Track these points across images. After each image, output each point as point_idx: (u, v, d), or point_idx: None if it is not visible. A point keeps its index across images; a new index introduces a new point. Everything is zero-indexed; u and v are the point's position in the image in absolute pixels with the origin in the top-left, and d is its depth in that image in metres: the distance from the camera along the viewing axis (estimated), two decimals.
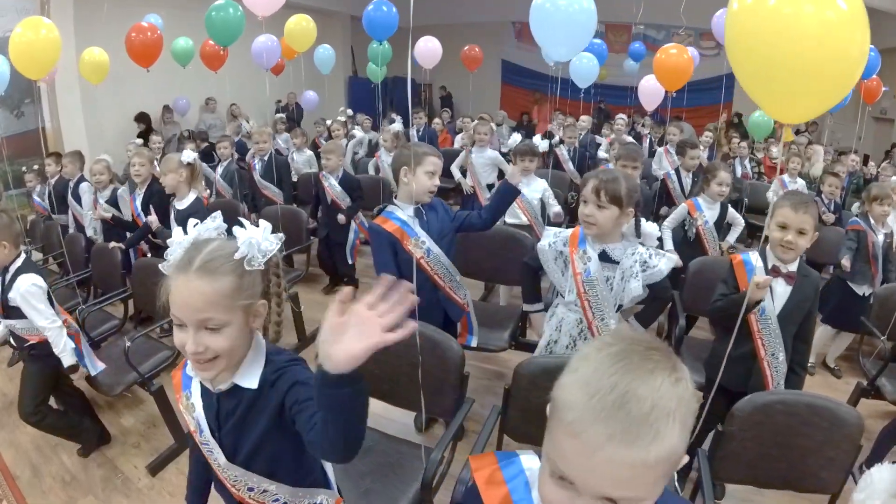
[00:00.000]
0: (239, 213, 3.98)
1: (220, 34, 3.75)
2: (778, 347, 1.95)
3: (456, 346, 1.82)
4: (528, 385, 1.72)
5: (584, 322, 1.96)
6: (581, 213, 1.89)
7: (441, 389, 1.81)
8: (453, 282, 2.28)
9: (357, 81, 10.97)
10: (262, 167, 4.41)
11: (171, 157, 3.05)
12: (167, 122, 7.45)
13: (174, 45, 5.25)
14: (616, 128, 6.48)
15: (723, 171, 3.31)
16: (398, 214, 2.18)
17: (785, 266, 1.93)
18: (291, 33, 4.13)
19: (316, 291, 4.30)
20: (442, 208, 2.28)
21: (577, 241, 1.95)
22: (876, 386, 2.54)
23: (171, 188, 3.01)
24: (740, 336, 1.90)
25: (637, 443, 0.59)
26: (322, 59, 5.36)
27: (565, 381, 0.67)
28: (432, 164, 2.16)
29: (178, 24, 5.85)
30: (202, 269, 1.00)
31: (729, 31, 1.40)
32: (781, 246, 1.88)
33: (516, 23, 11.49)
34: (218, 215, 1.11)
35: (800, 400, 1.63)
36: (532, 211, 3.53)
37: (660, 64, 3.90)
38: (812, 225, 1.86)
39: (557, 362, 1.72)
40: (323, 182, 4.07)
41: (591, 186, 1.84)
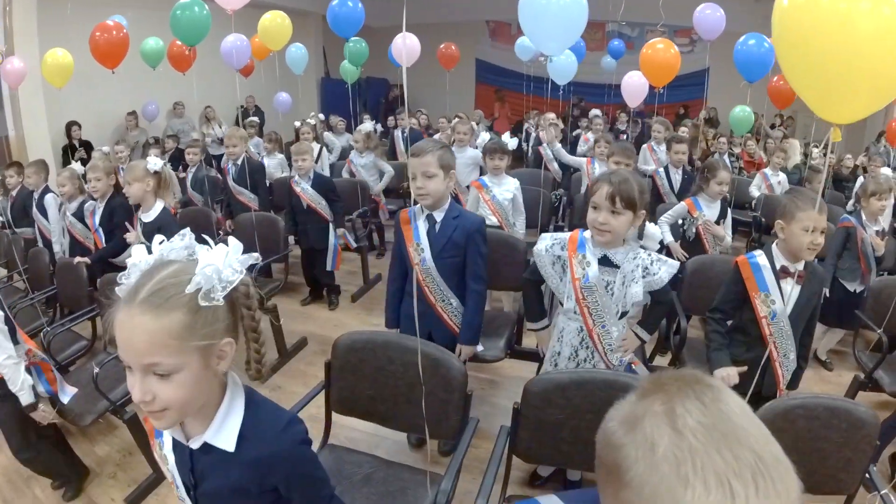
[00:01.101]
0: (211, 223, 3.79)
1: (186, 34, 3.56)
2: (790, 348, 1.93)
3: (458, 365, 1.70)
4: (540, 403, 1.61)
5: (585, 330, 1.88)
6: (593, 221, 1.79)
7: (444, 411, 1.70)
8: (447, 303, 2.15)
9: (330, 82, 10.76)
10: (236, 172, 4.23)
11: (137, 164, 2.79)
12: (131, 127, 7.15)
13: (143, 46, 5.01)
14: (595, 126, 6.43)
15: (723, 170, 3.28)
16: (416, 212, 2.11)
17: (793, 265, 1.89)
18: (266, 31, 3.92)
19: (295, 301, 4.14)
20: (461, 229, 2.06)
21: (576, 245, 1.87)
22: (873, 378, 2.55)
23: (137, 199, 2.77)
24: (751, 340, 1.94)
25: None
26: (294, 58, 5.15)
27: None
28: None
29: (147, 24, 5.61)
30: (147, 302, 0.81)
31: (777, 28, 1.34)
32: (809, 249, 1.84)
33: (490, 21, 11.44)
34: (187, 232, 0.93)
35: (819, 403, 1.59)
36: (502, 211, 3.41)
37: (647, 59, 3.84)
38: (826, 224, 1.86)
39: (571, 377, 1.63)
40: (295, 188, 3.89)
41: (605, 192, 1.73)
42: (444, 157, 1.98)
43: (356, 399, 1.79)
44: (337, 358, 1.78)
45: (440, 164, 1.97)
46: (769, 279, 1.92)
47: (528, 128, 7.93)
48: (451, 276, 2.11)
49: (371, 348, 1.76)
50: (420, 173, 1.97)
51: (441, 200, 2.05)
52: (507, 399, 2.98)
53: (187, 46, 3.67)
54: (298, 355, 3.40)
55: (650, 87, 9.30)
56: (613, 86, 9.01)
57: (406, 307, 2.18)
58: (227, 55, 4.36)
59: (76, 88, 5.05)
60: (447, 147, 2.05)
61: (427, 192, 1.98)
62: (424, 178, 1.97)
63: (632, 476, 0.51)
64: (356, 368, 1.77)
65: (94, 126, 6.81)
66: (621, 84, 4.54)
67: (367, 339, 1.77)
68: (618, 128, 7.53)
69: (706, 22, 4.27)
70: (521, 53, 6.84)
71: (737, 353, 1.99)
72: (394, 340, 1.77)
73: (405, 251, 2.12)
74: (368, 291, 4.39)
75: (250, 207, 4.13)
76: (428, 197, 2.00)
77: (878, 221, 3.45)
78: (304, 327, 3.71)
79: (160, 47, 5.09)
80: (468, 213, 2.17)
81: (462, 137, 4.20)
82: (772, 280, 1.91)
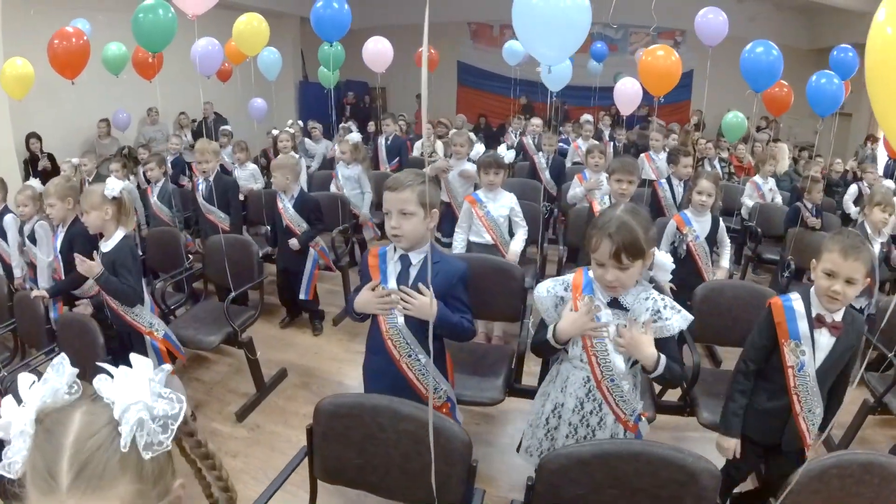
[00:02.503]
0: (180, 245, 3.50)
1: (150, 39, 3.26)
2: (815, 403, 1.76)
3: (462, 434, 1.48)
4: (558, 480, 1.42)
5: (592, 381, 1.66)
6: (600, 279, 1.57)
7: (446, 484, 1.48)
8: (413, 359, 1.77)
9: (308, 86, 10.45)
10: (206, 189, 3.93)
11: (93, 190, 2.48)
12: (103, 136, 6.73)
13: (105, 52, 4.68)
14: (584, 132, 6.27)
15: (704, 179, 3.10)
16: (388, 252, 1.80)
17: (830, 315, 1.71)
18: (241, 35, 3.60)
19: (272, 325, 3.87)
20: (442, 275, 1.73)
21: (581, 288, 1.65)
22: (883, 402, 2.45)
23: (96, 228, 2.50)
24: (775, 389, 1.79)
25: None
26: (267, 63, 4.84)
27: None
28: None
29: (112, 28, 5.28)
30: (78, 486, 0.61)
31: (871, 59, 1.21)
32: (828, 297, 1.67)
33: (471, 23, 11.25)
34: (62, 363, 0.69)
35: (854, 460, 1.48)
36: (497, 230, 3.21)
37: (646, 67, 3.66)
38: (863, 273, 1.63)
39: (593, 451, 1.45)
40: (278, 203, 3.65)
41: (607, 250, 1.50)
42: (425, 193, 1.65)
43: (343, 468, 1.58)
44: (319, 424, 1.56)
45: (420, 201, 1.66)
46: (802, 327, 1.74)
47: (510, 132, 7.75)
48: (422, 330, 1.72)
49: (358, 414, 1.54)
50: (396, 210, 1.67)
51: (419, 242, 1.74)
52: (507, 437, 2.78)
53: (151, 53, 3.37)
54: (278, 389, 3.15)
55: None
56: (598, 88, 8.96)
57: (370, 364, 1.88)
58: (199, 61, 4.07)
59: (43, 98, 4.71)
60: (432, 181, 1.77)
61: (402, 233, 1.68)
62: (400, 217, 1.67)
63: None
64: (342, 436, 1.55)
65: (62, 137, 6.43)
66: (614, 91, 4.36)
67: (353, 403, 1.55)
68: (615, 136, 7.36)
69: (708, 27, 4.11)
70: (508, 58, 6.64)
71: (758, 401, 1.84)
72: (384, 406, 1.54)
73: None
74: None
75: (222, 228, 3.85)
76: (403, 239, 1.70)
77: (882, 234, 3.36)
78: (283, 356, 3.46)
79: (122, 53, 4.77)
80: (450, 259, 1.85)
81: (459, 150, 3.96)
82: (805, 328, 1.73)
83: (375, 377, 1.85)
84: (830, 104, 3.75)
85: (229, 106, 6.80)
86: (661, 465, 1.41)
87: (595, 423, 1.69)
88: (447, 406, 1.90)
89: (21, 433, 0.63)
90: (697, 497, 1.40)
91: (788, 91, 4.50)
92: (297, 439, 2.65)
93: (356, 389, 3.20)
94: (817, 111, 3.74)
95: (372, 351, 1.85)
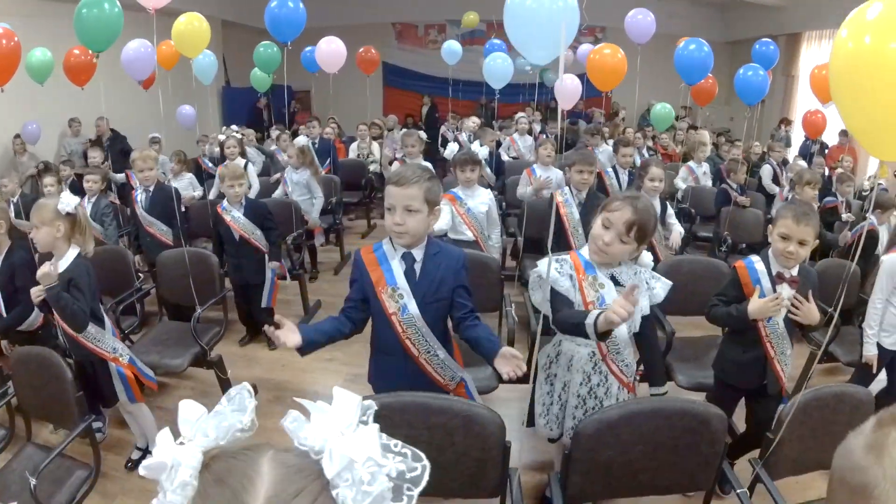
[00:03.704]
0: (129, 265, 3.27)
1: (93, 36, 2.96)
2: (786, 346, 2.05)
3: (495, 417, 1.51)
4: (593, 445, 1.54)
5: (598, 355, 1.83)
6: (597, 237, 1.73)
7: (481, 470, 1.51)
8: (433, 355, 1.78)
9: (231, 92, 10.01)
10: (146, 200, 3.67)
11: (44, 204, 2.23)
12: (19, 153, 6.08)
13: (30, 58, 4.23)
14: (519, 127, 6.43)
15: (654, 166, 3.34)
16: (386, 250, 1.76)
17: (788, 271, 1.98)
18: (181, 36, 3.33)
19: (232, 343, 3.66)
20: (445, 267, 1.74)
21: (582, 268, 1.80)
22: (828, 351, 2.78)
23: (47, 247, 2.25)
24: (749, 340, 2.04)
25: None
26: (203, 67, 4.56)
27: None
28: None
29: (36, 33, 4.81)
30: None
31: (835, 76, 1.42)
32: (784, 256, 1.94)
33: (396, 24, 11.23)
34: (242, 393, 0.59)
35: (829, 392, 1.75)
36: (478, 225, 3.28)
37: (594, 65, 3.83)
38: (813, 235, 1.91)
39: (620, 413, 1.58)
40: (224, 217, 3.45)
41: (626, 218, 1.66)
42: (431, 190, 1.66)
43: None
44: None
45: (426, 198, 1.64)
46: (765, 284, 2.00)
47: (445, 132, 7.83)
48: (437, 324, 1.77)
49: (386, 415, 1.51)
50: (401, 206, 1.63)
51: (421, 239, 1.72)
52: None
53: (94, 53, 3.07)
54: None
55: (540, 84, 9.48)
56: (526, 85, 9.21)
57: (382, 365, 1.86)
58: (129, 65, 3.79)
59: None
60: (436, 178, 1.74)
61: (406, 230, 1.65)
62: (405, 213, 1.63)
63: (878, 493, 0.60)
64: None
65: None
66: (554, 87, 4.52)
67: (381, 405, 1.48)
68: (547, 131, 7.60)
69: (637, 26, 4.38)
70: (447, 57, 6.73)
71: (734, 355, 2.12)
72: (411, 402, 1.53)
73: (374, 299, 1.74)
74: (310, 321, 4.02)
75: (163, 241, 3.62)
76: (406, 236, 1.67)
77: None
78: (250, 372, 3.31)
79: (48, 59, 4.34)
80: (448, 247, 1.84)
81: (411, 150, 3.98)
82: (768, 285, 2.00)
83: (388, 376, 1.83)
84: (757, 94, 4.08)
85: (153, 114, 6.37)
86: (677, 416, 1.57)
87: (602, 393, 1.84)
88: (462, 386, 1.92)
89: (182, 484, 0.48)
90: (710, 441, 1.57)
91: (713, 83, 4.87)
92: None
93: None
94: (745, 101, 4.06)
95: (384, 352, 1.82)
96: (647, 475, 1.60)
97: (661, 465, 1.60)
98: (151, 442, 2.51)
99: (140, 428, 2.54)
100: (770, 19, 8.84)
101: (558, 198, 3.35)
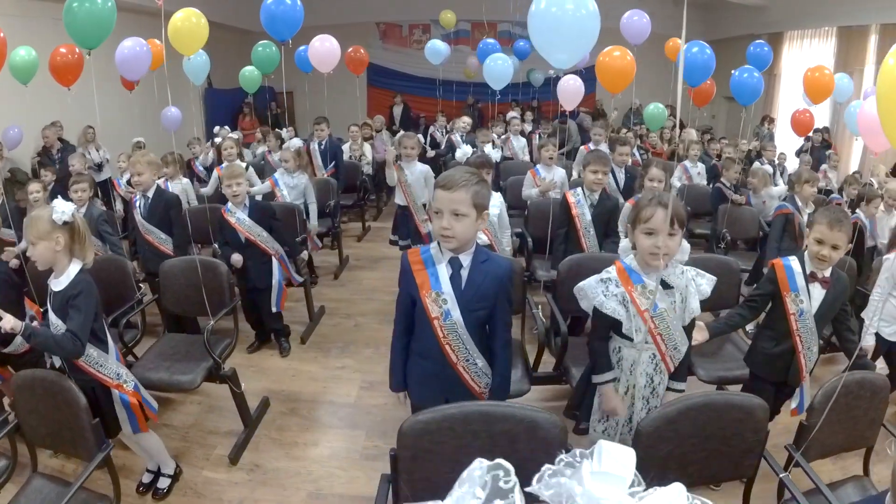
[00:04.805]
0: (129, 276, 3.07)
1: (84, 33, 2.79)
2: (813, 341, 2.15)
3: (556, 420, 1.52)
4: (654, 442, 1.60)
5: (658, 356, 1.89)
6: (651, 247, 1.77)
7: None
8: (471, 363, 1.78)
9: (214, 93, 9.78)
10: (145, 207, 3.52)
11: (39, 216, 2.00)
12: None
13: (13, 58, 4.02)
14: (513, 128, 6.43)
15: (654, 167, 3.40)
16: (433, 253, 1.74)
17: (821, 272, 2.12)
18: (178, 33, 3.13)
19: (240, 351, 3.51)
20: (492, 276, 1.73)
21: (629, 278, 1.85)
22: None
23: (47, 263, 2.02)
24: (779, 336, 2.19)
25: None
26: (195, 66, 4.39)
27: None
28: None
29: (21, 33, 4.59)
30: None
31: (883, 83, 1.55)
32: (817, 258, 2.07)
33: (380, 23, 11.11)
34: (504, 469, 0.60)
35: (853, 379, 1.83)
36: (492, 229, 3.24)
37: (603, 67, 3.85)
38: (845, 241, 2.05)
39: (679, 409, 1.64)
40: (229, 219, 3.37)
41: (664, 216, 1.73)
42: (479, 193, 1.63)
43: (435, 487, 1.50)
44: (406, 447, 1.48)
45: (474, 202, 1.61)
46: (799, 282, 2.13)
47: (433, 132, 7.79)
48: (476, 331, 1.76)
49: (449, 427, 1.49)
50: (448, 211, 1.60)
51: (469, 243, 1.70)
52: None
53: (86, 50, 2.92)
54: (265, 421, 2.89)
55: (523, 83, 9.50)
56: (511, 85, 9.22)
57: (417, 369, 1.84)
58: (124, 65, 3.63)
59: None
60: (484, 182, 1.70)
61: (453, 234, 1.62)
62: (452, 218, 1.60)
63: None
64: (431, 453, 1.49)
65: None
66: (558, 87, 4.53)
67: (443, 416, 1.49)
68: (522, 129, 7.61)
69: (633, 27, 4.41)
70: (431, 57, 6.66)
71: (766, 347, 2.23)
72: (473, 412, 1.51)
73: (419, 301, 1.73)
74: (316, 328, 3.95)
75: (162, 251, 3.47)
76: (453, 240, 1.64)
77: (809, 205, 3.79)
78: (260, 384, 3.20)
79: (32, 59, 4.15)
80: (496, 257, 1.85)
81: (409, 152, 3.93)
82: (801, 283, 2.13)
83: (425, 381, 1.83)
84: (752, 95, 4.17)
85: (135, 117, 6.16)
86: (726, 409, 1.67)
87: (661, 391, 1.93)
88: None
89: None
90: (754, 429, 1.67)
91: (711, 84, 4.94)
92: (306, 471, 2.52)
93: (349, 406, 3.09)
94: (741, 102, 4.14)
95: (422, 356, 1.81)
96: (696, 466, 1.67)
97: (709, 455, 1.67)
98: (163, 465, 2.39)
99: (146, 452, 2.37)
100: (752, 19, 9.02)
101: (570, 198, 3.35)
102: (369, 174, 6.41)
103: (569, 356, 2.58)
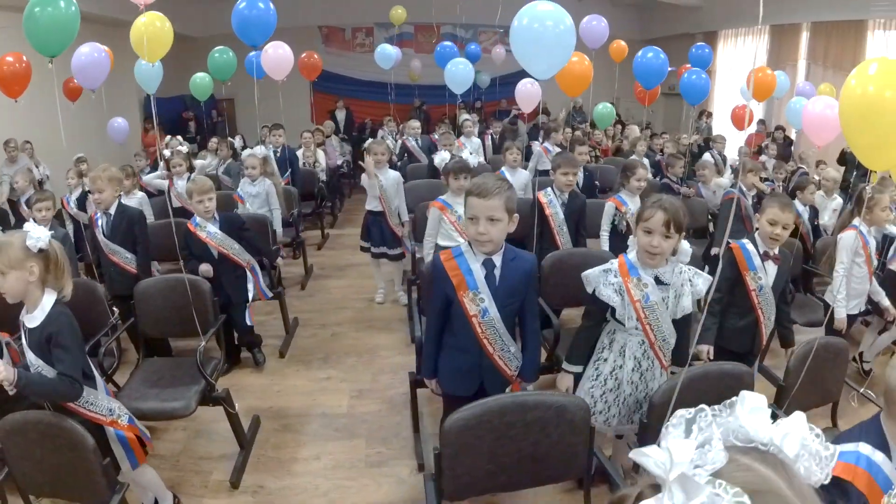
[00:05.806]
0: (103, 302, 2.88)
1: (47, 40, 2.65)
2: (771, 311, 2.47)
3: (581, 402, 1.69)
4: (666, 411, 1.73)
5: (647, 343, 2.04)
6: (646, 245, 1.93)
7: (573, 453, 1.67)
8: (506, 351, 1.99)
9: (159, 101, 9.33)
10: (107, 224, 3.36)
11: (8, 243, 1.79)
12: None
13: None
14: (467, 130, 6.55)
15: (640, 167, 3.61)
16: (466, 256, 1.89)
17: (772, 250, 2.43)
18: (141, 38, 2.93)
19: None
20: (521, 272, 1.92)
21: (627, 271, 2.01)
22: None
23: (18, 296, 1.82)
24: (743, 310, 2.47)
25: None
26: (149, 74, 4.15)
27: None
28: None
29: None
30: None
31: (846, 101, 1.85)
32: (772, 238, 2.37)
33: (322, 27, 10.96)
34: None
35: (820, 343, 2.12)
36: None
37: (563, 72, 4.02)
38: (793, 220, 2.40)
39: (683, 379, 1.74)
40: (199, 234, 3.28)
41: (662, 219, 1.87)
42: (511, 199, 1.83)
43: (475, 481, 1.60)
44: (449, 445, 1.56)
45: (506, 207, 1.80)
46: (756, 261, 2.42)
47: (384, 135, 7.81)
48: (510, 322, 1.99)
49: (488, 420, 1.59)
50: (484, 217, 1.78)
51: (501, 245, 1.89)
52: None
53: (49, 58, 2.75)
54: (258, 441, 2.81)
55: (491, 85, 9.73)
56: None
57: (453, 362, 2.02)
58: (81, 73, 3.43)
59: None
60: (512, 188, 1.88)
61: (490, 238, 1.81)
62: (488, 223, 1.79)
63: None
64: (471, 448, 1.59)
65: None
66: (515, 91, 4.67)
67: (482, 411, 1.59)
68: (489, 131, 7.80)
69: (592, 32, 4.62)
70: (381, 62, 6.68)
71: (733, 322, 2.48)
72: (509, 403, 1.62)
73: (455, 301, 1.90)
74: (293, 341, 3.90)
75: (128, 270, 3.32)
76: (490, 244, 1.83)
77: (753, 188, 4.17)
78: (245, 403, 3.06)
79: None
80: (522, 253, 2.00)
81: (380, 158, 3.95)
82: (758, 262, 2.42)
83: (461, 373, 1.99)
84: (700, 94, 4.46)
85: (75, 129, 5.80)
86: (720, 377, 1.94)
87: (650, 377, 2.07)
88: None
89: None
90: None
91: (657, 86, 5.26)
92: (313, 486, 2.50)
93: (342, 416, 3.07)
94: (690, 101, 4.45)
95: (458, 349, 1.97)
96: None
97: None
98: (161, 498, 2.28)
99: (144, 487, 2.25)
100: (685, 19, 9.52)
101: (542, 199, 3.49)
102: (324, 181, 6.35)
103: (560, 347, 2.68)
